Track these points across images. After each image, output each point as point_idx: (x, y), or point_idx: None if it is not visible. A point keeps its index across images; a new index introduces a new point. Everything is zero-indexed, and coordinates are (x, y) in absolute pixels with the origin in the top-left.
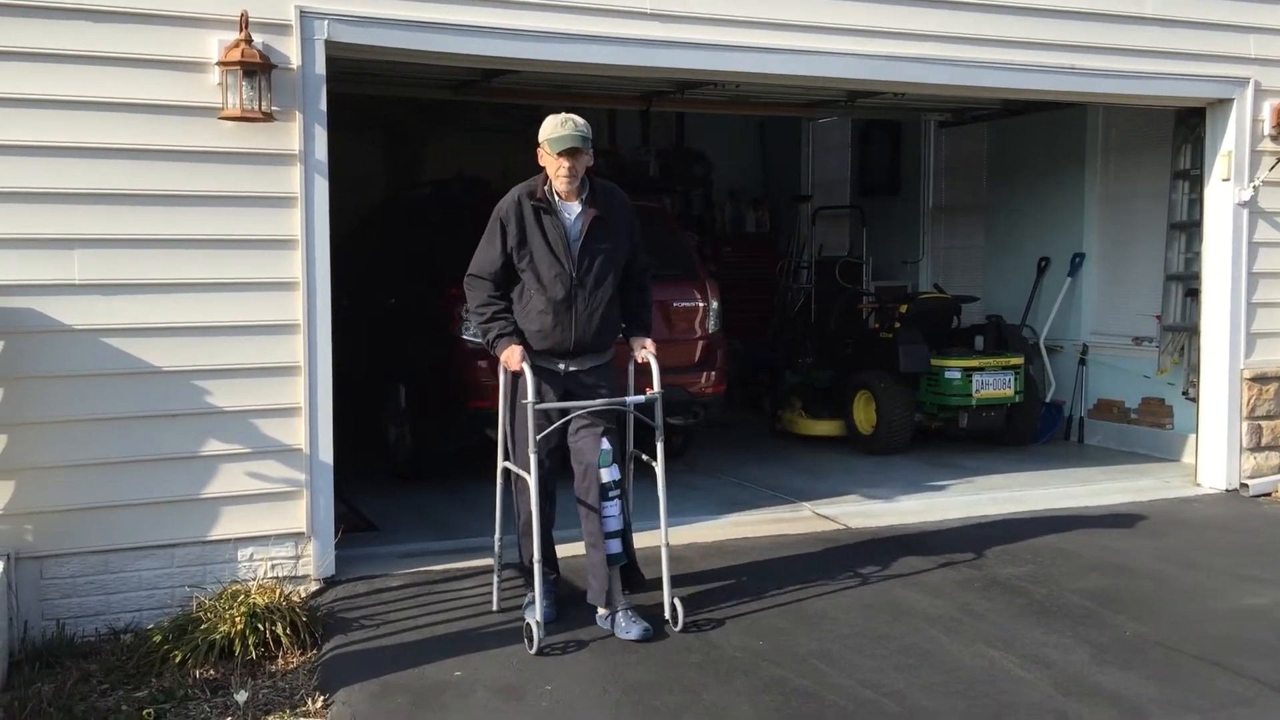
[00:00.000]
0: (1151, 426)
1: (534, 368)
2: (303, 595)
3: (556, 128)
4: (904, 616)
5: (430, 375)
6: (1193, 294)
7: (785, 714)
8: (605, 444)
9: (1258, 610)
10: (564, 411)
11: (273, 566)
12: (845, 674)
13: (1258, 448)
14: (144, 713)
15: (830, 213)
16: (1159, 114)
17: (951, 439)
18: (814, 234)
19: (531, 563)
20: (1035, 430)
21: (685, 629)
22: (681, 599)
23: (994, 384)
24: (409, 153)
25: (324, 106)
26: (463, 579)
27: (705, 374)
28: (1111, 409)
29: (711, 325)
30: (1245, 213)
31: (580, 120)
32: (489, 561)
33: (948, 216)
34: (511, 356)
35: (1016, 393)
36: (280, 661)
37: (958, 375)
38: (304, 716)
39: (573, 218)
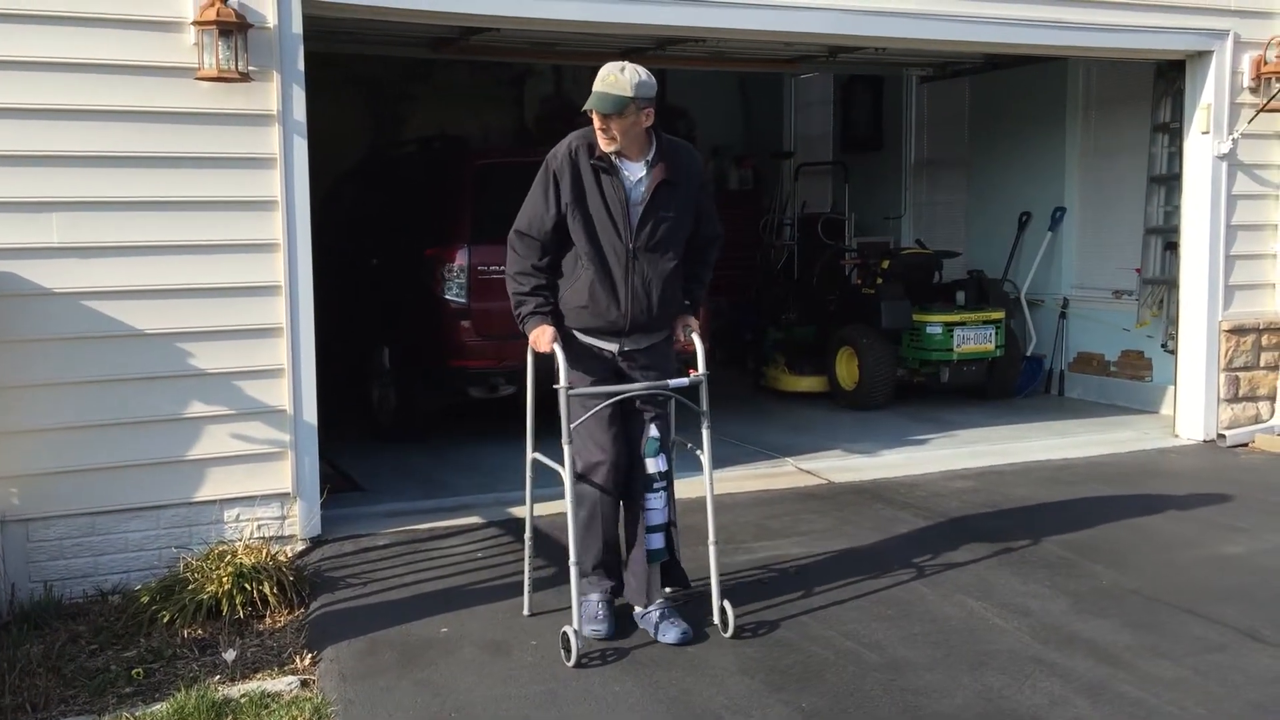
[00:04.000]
0: (1131, 379)
1: (579, 347)
2: (289, 555)
3: (596, 82)
4: (885, 568)
5: (413, 335)
6: (1172, 247)
7: (766, 665)
8: (653, 431)
9: (1233, 558)
10: (605, 396)
11: (259, 527)
12: (826, 625)
13: (1235, 399)
14: (133, 672)
15: (813, 169)
16: (1139, 67)
17: (933, 393)
18: (796, 190)
19: (591, 570)
20: (1016, 384)
21: (736, 630)
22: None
23: (975, 338)
24: (390, 112)
25: (302, 66)
26: (448, 537)
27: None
28: (1091, 362)
29: None
30: (1224, 165)
31: (629, 75)
32: (475, 520)
33: (930, 171)
34: (541, 337)
35: (997, 347)
36: (268, 620)
37: (939, 330)
38: (292, 674)
39: (635, 179)
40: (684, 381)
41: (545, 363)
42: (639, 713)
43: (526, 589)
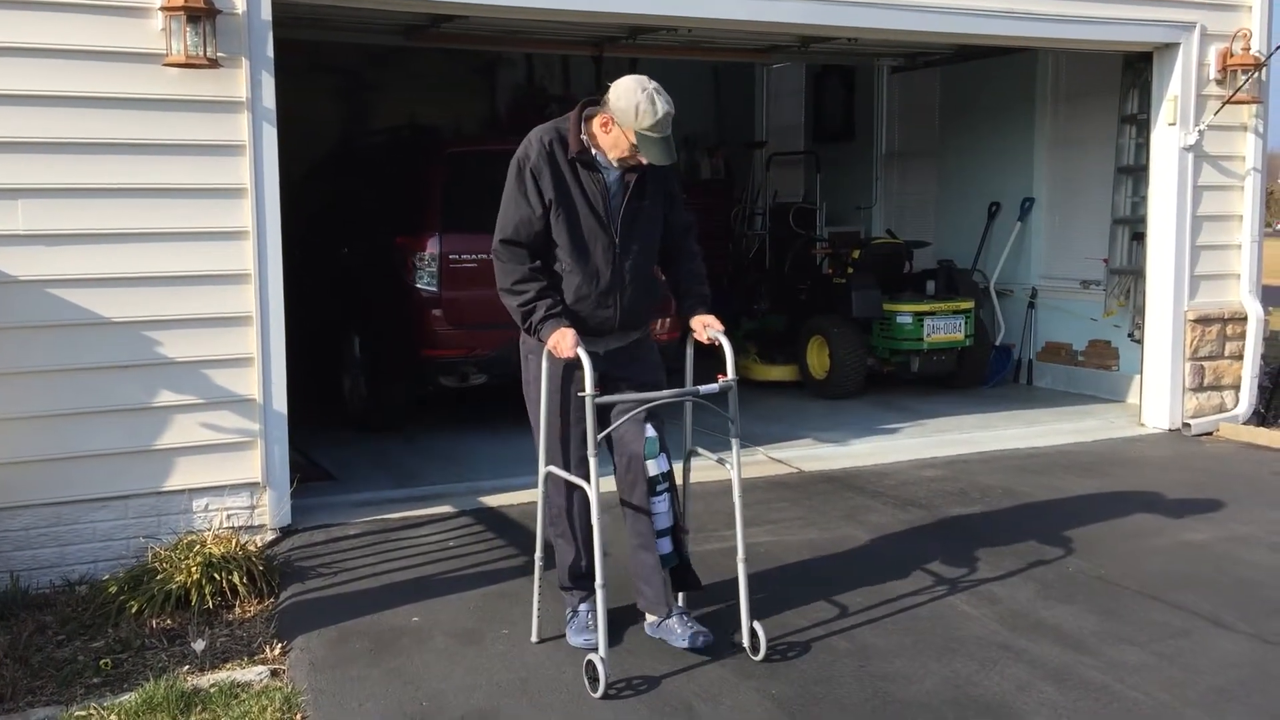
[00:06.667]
0: (1098, 368)
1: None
2: (259, 545)
3: (655, 125)
4: (854, 556)
5: (384, 324)
6: (1139, 237)
7: (736, 652)
8: (650, 431)
9: (1196, 545)
10: (635, 403)
11: (228, 516)
12: (796, 613)
13: (1200, 388)
14: (101, 662)
15: (784, 159)
16: (1107, 59)
17: (903, 383)
18: (768, 180)
19: (572, 583)
20: (985, 373)
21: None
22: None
23: (945, 328)
24: (361, 99)
25: (271, 53)
26: (420, 526)
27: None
28: (1059, 351)
29: None
30: (1190, 157)
31: (670, 107)
32: (447, 509)
33: (900, 162)
34: (563, 341)
35: (967, 336)
36: (237, 610)
37: (909, 320)
38: (262, 664)
39: (612, 172)
40: (714, 388)
41: (518, 360)
42: (610, 699)
43: (535, 617)
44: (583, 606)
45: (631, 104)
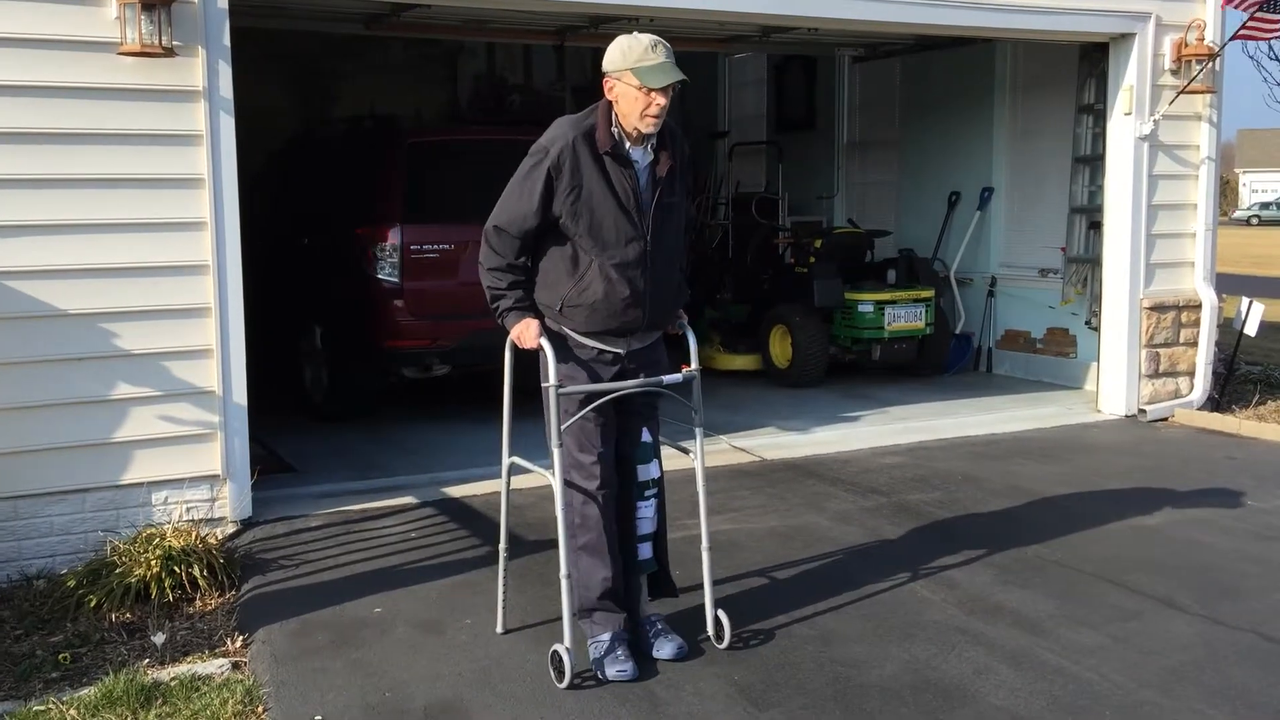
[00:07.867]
0: (1056, 356)
1: (579, 350)
2: (219, 537)
3: (646, 53)
4: (815, 544)
5: (346, 314)
6: (1096, 226)
7: (701, 641)
8: (646, 435)
9: (1151, 529)
10: (597, 394)
11: (188, 509)
12: (757, 600)
13: (1155, 375)
14: (60, 657)
15: (746, 148)
16: (1065, 49)
17: (865, 371)
18: (731, 170)
19: (598, 604)
20: (946, 361)
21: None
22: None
23: (905, 316)
24: (321, 89)
25: (228, 42)
26: (382, 517)
27: None
28: (1018, 339)
29: None
30: (1146, 146)
31: (667, 44)
32: (409, 500)
33: (862, 152)
34: (527, 331)
35: (927, 325)
36: (198, 603)
37: (870, 308)
38: (223, 656)
39: (641, 167)
40: (677, 377)
41: (525, 359)
42: (574, 689)
43: (500, 607)
44: (605, 635)
45: (618, 49)
